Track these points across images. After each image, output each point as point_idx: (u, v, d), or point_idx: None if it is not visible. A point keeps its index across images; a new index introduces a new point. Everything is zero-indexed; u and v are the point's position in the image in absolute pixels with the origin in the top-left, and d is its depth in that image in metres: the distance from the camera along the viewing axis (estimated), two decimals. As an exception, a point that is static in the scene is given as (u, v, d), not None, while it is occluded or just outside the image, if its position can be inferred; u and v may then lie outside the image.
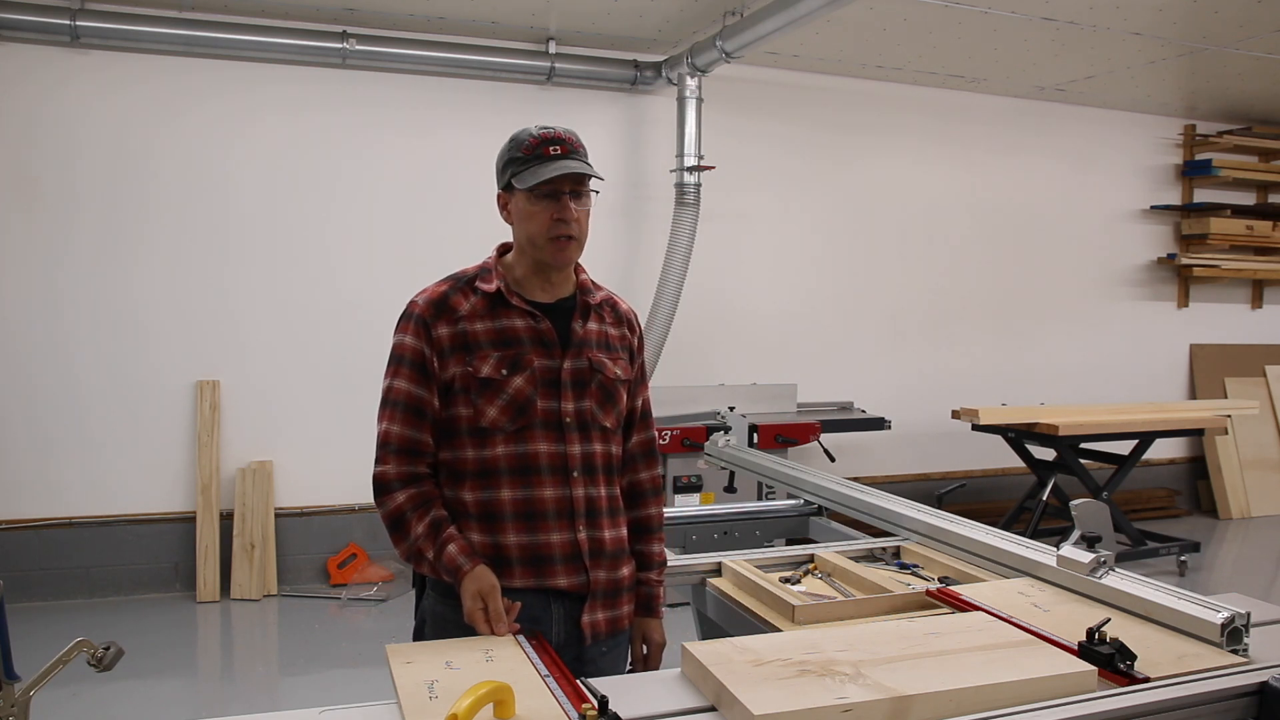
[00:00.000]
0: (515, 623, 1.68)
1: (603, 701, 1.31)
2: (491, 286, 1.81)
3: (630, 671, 1.88)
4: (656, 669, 1.88)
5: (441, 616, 1.79)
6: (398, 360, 1.80)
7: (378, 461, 1.79)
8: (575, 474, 1.79)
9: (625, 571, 1.86)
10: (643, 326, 2.10)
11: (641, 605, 1.91)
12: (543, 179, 1.75)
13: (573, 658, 1.75)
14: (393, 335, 1.82)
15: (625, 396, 1.91)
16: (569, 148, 1.79)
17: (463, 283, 1.83)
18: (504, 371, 1.76)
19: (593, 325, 1.87)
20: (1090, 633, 1.52)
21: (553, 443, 1.78)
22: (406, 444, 1.77)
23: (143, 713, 3.65)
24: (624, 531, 1.89)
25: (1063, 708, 1.37)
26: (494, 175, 1.87)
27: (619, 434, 1.90)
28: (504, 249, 1.91)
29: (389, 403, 1.79)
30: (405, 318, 1.81)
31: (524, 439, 1.76)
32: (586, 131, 1.94)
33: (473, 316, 1.79)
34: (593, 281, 1.93)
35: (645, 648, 1.92)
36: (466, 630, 1.68)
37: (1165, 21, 5.05)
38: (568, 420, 1.80)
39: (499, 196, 1.85)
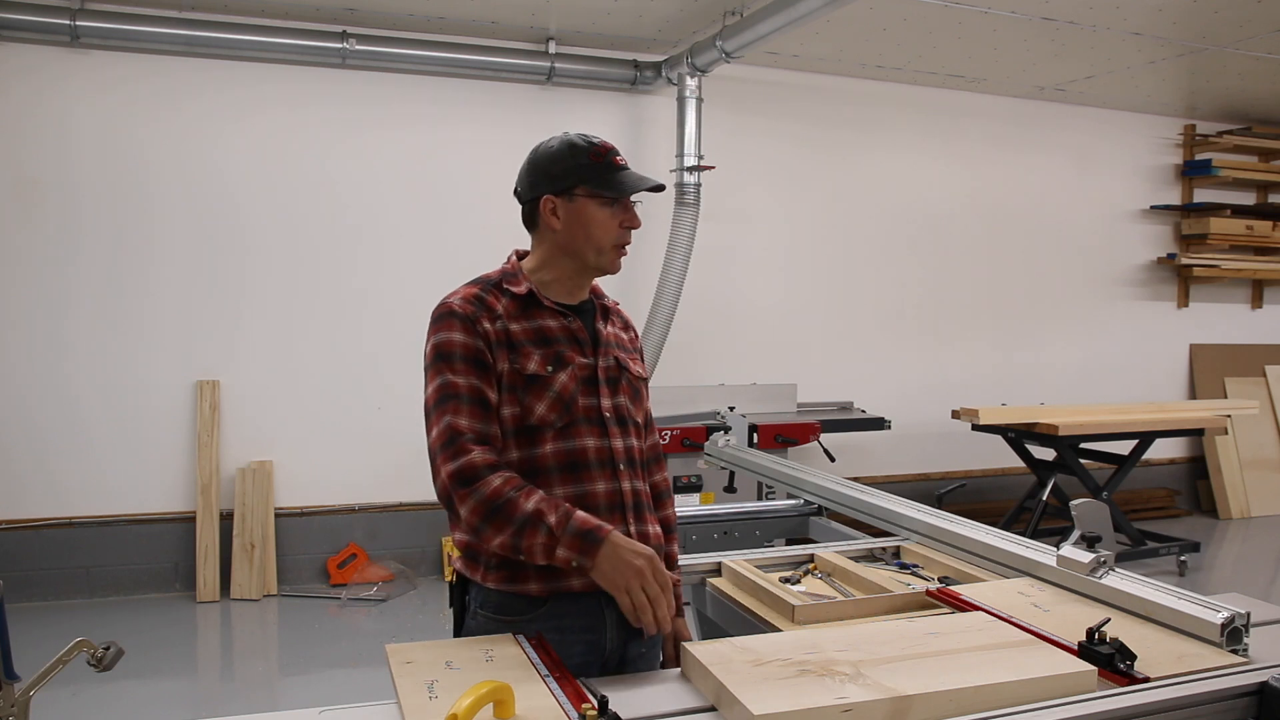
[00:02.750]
0: (574, 629, 1.69)
1: (602, 701, 1.31)
2: (521, 289, 1.79)
3: (662, 668, 1.87)
4: None
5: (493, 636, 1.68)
6: (447, 357, 1.70)
7: (455, 455, 1.63)
8: (621, 467, 1.79)
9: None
10: (640, 328, 2.12)
11: None
12: (638, 189, 1.78)
13: (619, 659, 1.75)
14: (431, 336, 1.74)
15: (646, 395, 1.95)
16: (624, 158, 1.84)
17: (490, 285, 1.80)
18: (549, 368, 1.74)
19: (610, 327, 1.90)
20: (1090, 633, 1.52)
21: (598, 437, 1.77)
22: (481, 436, 1.67)
23: (143, 713, 3.65)
24: (659, 527, 1.89)
25: (1063, 708, 1.37)
26: (505, 180, 1.86)
27: (644, 431, 1.93)
28: (520, 255, 1.90)
29: (451, 397, 1.67)
30: (446, 316, 1.73)
31: (571, 435, 1.75)
32: (587, 131, 1.93)
33: (509, 316, 1.76)
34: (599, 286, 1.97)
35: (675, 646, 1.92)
36: None
37: (1165, 21, 5.05)
38: (608, 415, 1.80)
39: (545, 201, 1.78)
